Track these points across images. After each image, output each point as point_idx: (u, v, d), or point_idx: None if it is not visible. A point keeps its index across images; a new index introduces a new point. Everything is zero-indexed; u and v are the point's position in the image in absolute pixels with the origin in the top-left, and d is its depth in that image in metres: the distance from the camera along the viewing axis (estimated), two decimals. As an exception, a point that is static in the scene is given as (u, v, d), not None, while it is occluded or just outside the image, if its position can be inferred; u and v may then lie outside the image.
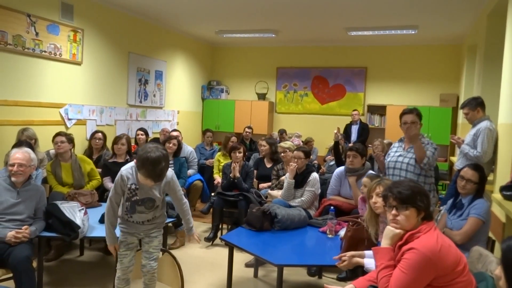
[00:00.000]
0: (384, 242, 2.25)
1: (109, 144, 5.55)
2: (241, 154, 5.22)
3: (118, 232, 2.78)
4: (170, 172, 2.70)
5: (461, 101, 6.79)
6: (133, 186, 2.59)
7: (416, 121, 3.77)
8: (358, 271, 3.39)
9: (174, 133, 6.12)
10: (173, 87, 8.61)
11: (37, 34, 5.35)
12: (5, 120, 4.99)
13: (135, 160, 2.56)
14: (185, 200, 2.88)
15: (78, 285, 3.77)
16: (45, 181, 4.50)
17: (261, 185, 5.58)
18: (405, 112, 3.85)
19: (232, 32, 8.28)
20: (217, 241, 4.89)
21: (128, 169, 2.64)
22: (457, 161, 4.57)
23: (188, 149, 6.21)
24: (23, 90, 5.24)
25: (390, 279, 2.13)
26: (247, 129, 7.97)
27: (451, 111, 8.03)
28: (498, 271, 1.59)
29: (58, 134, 4.52)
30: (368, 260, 2.63)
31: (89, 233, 3.45)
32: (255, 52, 9.82)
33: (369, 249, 2.61)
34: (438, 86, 8.46)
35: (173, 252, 4.65)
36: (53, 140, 4.51)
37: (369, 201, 3.05)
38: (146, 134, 6.66)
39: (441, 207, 3.85)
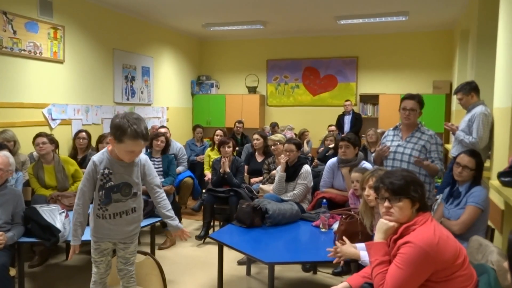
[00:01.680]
0: (378, 236, 2.12)
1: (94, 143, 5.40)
2: (231, 149, 5.07)
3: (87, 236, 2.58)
4: (144, 155, 2.54)
5: (455, 87, 6.67)
6: (106, 171, 2.37)
7: (416, 108, 3.61)
8: (353, 265, 3.28)
9: (162, 130, 5.95)
10: (161, 83, 8.43)
11: (14, 32, 5.15)
12: (-16, 123, 4.81)
13: (109, 137, 2.34)
14: (162, 190, 2.62)
15: (64, 291, 3.63)
16: (27, 184, 4.33)
17: (253, 180, 5.44)
18: (406, 97, 3.67)
19: (219, 25, 8.10)
20: (209, 239, 4.75)
21: (99, 154, 2.44)
22: (452, 148, 4.45)
23: (177, 145, 6.05)
24: (3, 91, 5.05)
25: (385, 275, 2.00)
26: (237, 124, 7.83)
27: (445, 98, 7.93)
28: (506, 264, 1.47)
29: (39, 135, 4.33)
30: (364, 252, 2.50)
31: (71, 237, 3.28)
32: (244, 45, 9.64)
33: (363, 242, 2.49)
34: (430, 73, 8.35)
35: (164, 252, 4.56)
36: (33, 142, 4.33)
37: (363, 194, 2.93)
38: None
39: (437, 196, 3.73)
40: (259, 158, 5.64)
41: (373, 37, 8.71)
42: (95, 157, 2.42)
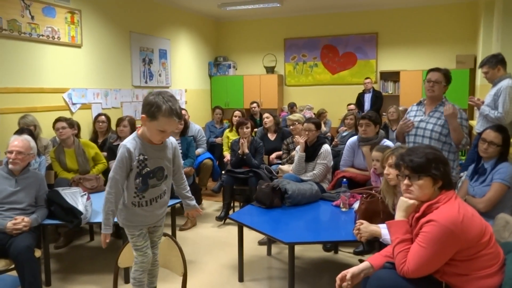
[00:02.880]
0: (398, 215, 2.07)
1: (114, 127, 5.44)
2: (249, 130, 5.04)
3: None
4: (173, 138, 2.51)
5: (479, 61, 6.45)
6: (141, 157, 2.31)
7: (441, 80, 3.47)
8: (375, 244, 3.24)
9: (180, 112, 5.95)
10: (178, 65, 8.40)
11: (32, 17, 5.18)
12: (6, 108, 4.87)
13: (142, 115, 2.25)
14: (183, 171, 2.67)
15: (88, 271, 3.70)
16: (50, 167, 4.41)
17: (272, 156, 5.46)
18: (431, 69, 3.55)
19: (235, 4, 7.98)
20: (229, 220, 4.77)
21: (130, 141, 2.34)
22: (477, 124, 4.32)
23: (196, 127, 6.05)
24: (23, 77, 5.11)
25: (407, 254, 1.96)
26: (252, 105, 7.78)
27: (469, 72, 7.67)
28: None
29: (58, 120, 4.37)
30: (386, 230, 2.46)
31: (93, 219, 3.34)
32: (261, 24, 9.50)
33: (384, 222, 2.44)
34: (454, 47, 8.07)
35: (185, 233, 4.60)
36: (53, 127, 4.38)
37: (384, 172, 2.87)
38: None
39: (462, 174, 3.63)
40: (272, 137, 5.70)
41: (393, 11, 8.45)
42: (129, 144, 2.30)
